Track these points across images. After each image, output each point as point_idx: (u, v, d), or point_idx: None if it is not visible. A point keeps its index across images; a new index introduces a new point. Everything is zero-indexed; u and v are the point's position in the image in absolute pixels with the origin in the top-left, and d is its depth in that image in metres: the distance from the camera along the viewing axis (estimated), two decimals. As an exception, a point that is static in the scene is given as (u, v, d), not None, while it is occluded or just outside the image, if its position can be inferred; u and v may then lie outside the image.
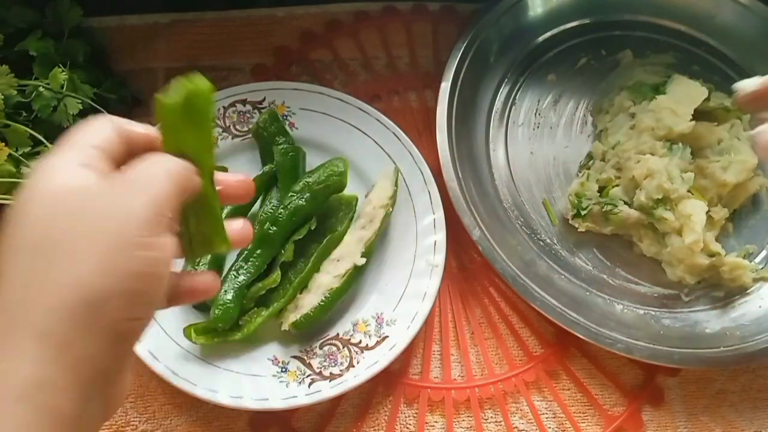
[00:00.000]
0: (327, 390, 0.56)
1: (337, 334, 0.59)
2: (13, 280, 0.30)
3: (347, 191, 0.63)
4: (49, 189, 0.32)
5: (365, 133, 0.65)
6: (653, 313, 0.63)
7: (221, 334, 0.58)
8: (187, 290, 0.37)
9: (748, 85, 0.52)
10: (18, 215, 0.32)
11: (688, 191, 0.62)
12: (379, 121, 0.65)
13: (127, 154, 0.37)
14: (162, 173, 0.33)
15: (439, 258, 0.60)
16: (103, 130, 0.37)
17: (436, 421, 0.60)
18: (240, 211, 0.63)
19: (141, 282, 0.31)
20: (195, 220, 0.37)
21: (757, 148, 0.50)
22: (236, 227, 0.39)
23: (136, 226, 0.31)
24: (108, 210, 0.31)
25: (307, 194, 0.61)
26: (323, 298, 0.59)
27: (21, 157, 0.60)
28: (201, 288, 0.38)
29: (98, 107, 0.64)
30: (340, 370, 0.57)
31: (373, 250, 0.62)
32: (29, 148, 0.61)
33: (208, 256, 0.61)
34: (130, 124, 0.38)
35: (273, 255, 0.61)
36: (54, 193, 0.32)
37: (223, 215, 0.62)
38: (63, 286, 0.30)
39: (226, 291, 0.59)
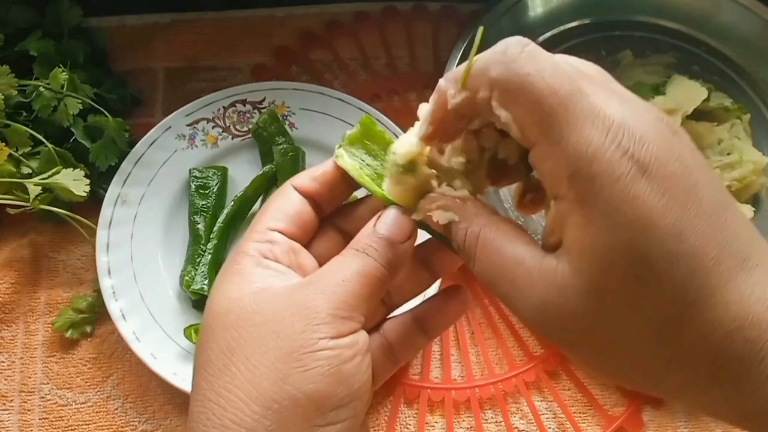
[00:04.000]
0: (327, 390, 0.56)
1: (338, 334, 0.59)
2: (199, 391, 0.30)
3: (347, 191, 0.63)
4: (225, 294, 0.32)
5: (365, 133, 0.65)
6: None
7: (221, 334, 0.58)
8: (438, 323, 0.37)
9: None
10: (202, 328, 0.32)
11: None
12: (379, 121, 0.65)
13: (328, 198, 0.36)
14: (353, 274, 0.32)
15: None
16: (286, 202, 0.35)
17: (436, 422, 0.60)
18: (240, 213, 0.63)
19: (325, 385, 0.29)
20: None
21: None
22: None
23: (319, 328, 0.30)
24: (288, 312, 0.30)
25: (307, 194, 0.61)
26: (323, 298, 0.59)
27: (21, 157, 0.60)
28: (451, 313, 0.38)
29: (98, 107, 0.64)
30: (341, 370, 0.57)
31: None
32: (29, 148, 0.62)
33: (208, 256, 0.61)
34: (312, 178, 0.36)
35: (273, 255, 0.61)
36: (231, 298, 0.32)
37: (225, 214, 0.62)
38: (243, 400, 0.29)
39: (226, 291, 0.59)
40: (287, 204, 0.35)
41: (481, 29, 0.30)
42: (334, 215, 0.38)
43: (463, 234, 0.30)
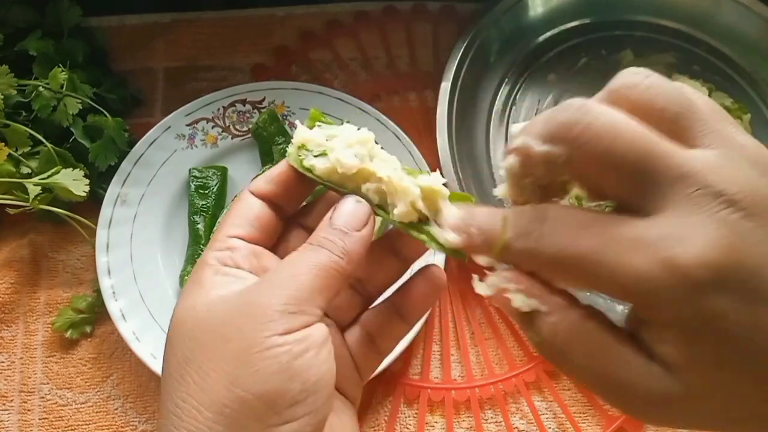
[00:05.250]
0: (327, 390, 0.56)
1: (337, 335, 0.59)
2: (162, 404, 0.30)
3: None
4: (182, 306, 0.32)
5: (365, 133, 0.65)
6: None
7: (221, 334, 0.58)
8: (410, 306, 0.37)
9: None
10: (165, 341, 0.32)
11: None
12: (379, 121, 0.65)
13: (288, 198, 0.36)
14: (305, 267, 0.31)
15: (439, 258, 0.60)
16: (244, 207, 0.35)
17: (436, 422, 0.60)
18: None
19: (276, 383, 0.29)
20: None
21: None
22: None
23: (267, 326, 0.29)
24: (238, 313, 0.30)
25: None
26: (323, 299, 0.59)
27: (21, 157, 0.60)
28: (425, 296, 0.37)
29: (98, 107, 0.64)
30: (340, 371, 0.57)
31: (373, 250, 0.62)
32: (29, 148, 0.61)
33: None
34: (267, 181, 0.36)
35: (273, 255, 0.61)
36: (186, 309, 0.32)
37: (224, 214, 0.62)
38: (196, 408, 0.29)
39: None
40: (245, 209, 0.35)
41: None
42: (299, 214, 0.38)
43: (552, 329, 0.27)
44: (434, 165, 0.64)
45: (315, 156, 0.35)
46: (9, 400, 0.60)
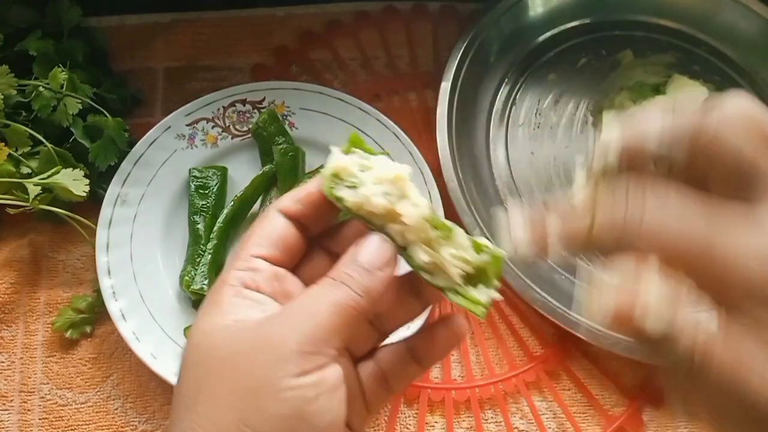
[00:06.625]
0: (327, 390, 0.56)
1: (337, 335, 0.59)
2: (171, 424, 0.30)
3: (347, 191, 0.63)
4: (200, 328, 0.32)
5: (365, 133, 0.65)
6: (654, 313, 0.63)
7: (221, 334, 0.58)
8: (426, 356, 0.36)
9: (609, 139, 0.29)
10: (181, 361, 0.32)
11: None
12: (379, 121, 0.65)
13: (314, 220, 0.35)
14: (324, 305, 0.31)
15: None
16: (269, 226, 0.34)
17: (436, 422, 0.60)
18: (240, 213, 0.63)
19: (285, 427, 0.28)
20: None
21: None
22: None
23: (282, 365, 0.29)
24: (253, 348, 0.29)
25: (307, 194, 0.61)
26: (323, 299, 0.59)
27: (20, 157, 0.60)
28: (444, 344, 0.36)
29: (98, 107, 0.64)
30: (340, 371, 0.57)
31: (373, 250, 0.61)
32: (29, 148, 0.61)
33: (208, 257, 0.61)
34: (296, 200, 0.35)
35: (273, 255, 0.61)
36: (204, 332, 0.31)
37: (224, 214, 0.62)
38: None
39: (226, 291, 0.59)
40: (271, 228, 0.34)
41: None
42: (322, 236, 0.37)
43: (689, 351, 0.24)
44: (434, 165, 0.64)
45: (346, 186, 0.34)
46: (9, 400, 0.60)
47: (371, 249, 0.33)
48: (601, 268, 0.26)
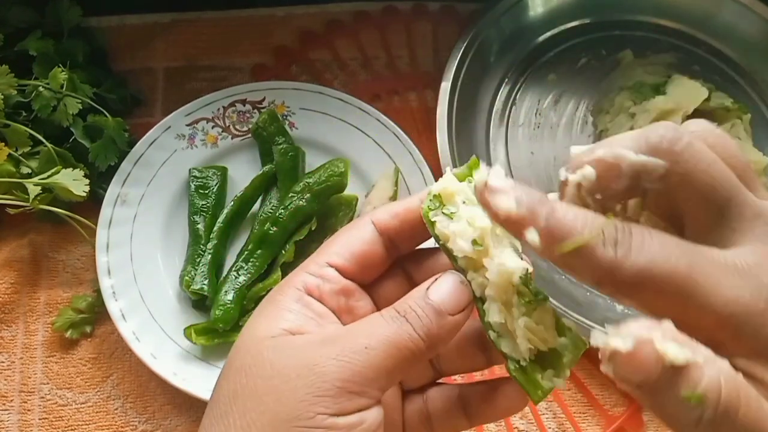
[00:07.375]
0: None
1: (338, 335, 0.59)
2: (202, 429, 0.29)
3: (347, 191, 0.63)
4: (254, 327, 0.30)
5: (365, 133, 0.65)
6: (654, 313, 0.63)
7: (221, 334, 0.58)
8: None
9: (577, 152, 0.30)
10: (230, 356, 0.30)
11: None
12: (379, 121, 0.65)
13: (406, 239, 0.33)
14: (380, 343, 0.28)
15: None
16: (356, 236, 0.32)
17: (436, 422, 0.59)
18: (240, 213, 0.63)
19: None
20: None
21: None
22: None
23: (320, 401, 0.27)
24: (297, 372, 0.27)
25: (308, 195, 0.61)
26: (323, 299, 0.59)
27: (20, 157, 0.60)
28: (502, 411, 0.34)
29: (98, 107, 0.64)
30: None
31: (374, 250, 0.61)
32: (29, 148, 0.62)
33: (208, 257, 0.61)
34: (392, 215, 0.33)
35: (273, 255, 0.61)
36: (255, 337, 0.30)
37: (224, 214, 0.62)
38: None
39: (226, 292, 0.59)
40: (357, 239, 0.32)
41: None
42: (406, 258, 0.34)
43: (715, 384, 0.23)
44: (434, 165, 0.64)
45: (443, 213, 0.31)
46: (9, 400, 0.60)
47: (446, 288, 0.30)
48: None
